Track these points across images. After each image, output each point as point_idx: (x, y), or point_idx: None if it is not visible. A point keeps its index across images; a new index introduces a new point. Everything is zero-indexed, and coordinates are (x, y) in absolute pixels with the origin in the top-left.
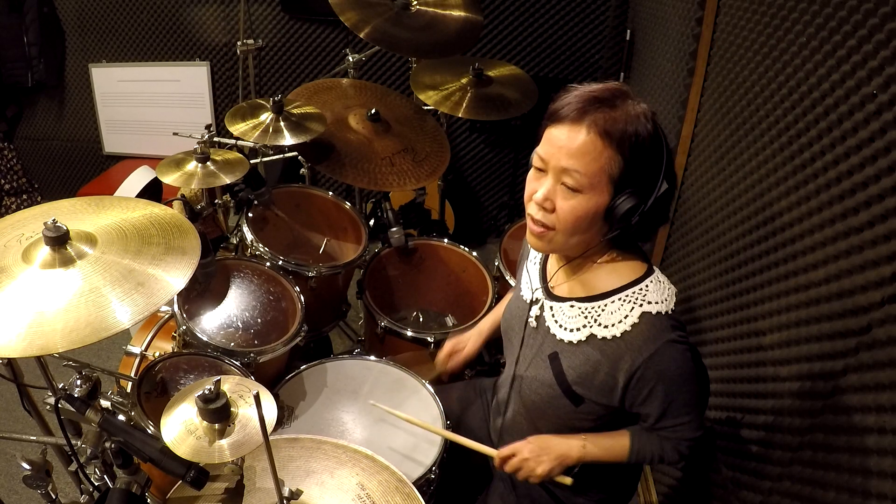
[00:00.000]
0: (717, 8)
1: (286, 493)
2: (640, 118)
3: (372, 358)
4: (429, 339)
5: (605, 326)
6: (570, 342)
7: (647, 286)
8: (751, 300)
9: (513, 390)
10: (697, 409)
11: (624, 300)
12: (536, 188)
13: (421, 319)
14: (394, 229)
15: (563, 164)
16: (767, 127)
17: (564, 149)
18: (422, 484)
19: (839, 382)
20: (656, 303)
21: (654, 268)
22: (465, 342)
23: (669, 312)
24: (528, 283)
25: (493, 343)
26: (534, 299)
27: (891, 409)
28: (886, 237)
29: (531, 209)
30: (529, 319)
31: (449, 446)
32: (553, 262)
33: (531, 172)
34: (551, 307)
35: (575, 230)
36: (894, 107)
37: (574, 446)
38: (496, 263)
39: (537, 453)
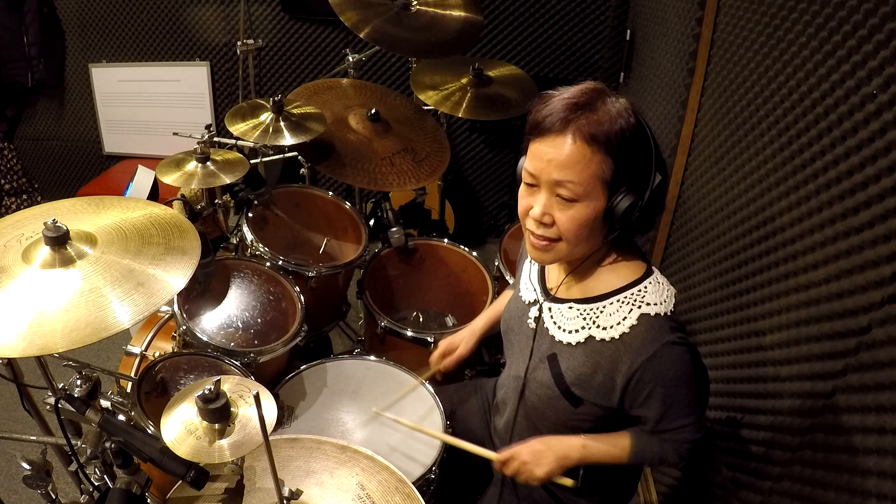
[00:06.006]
0: (717, 8)
1: (286, 493)
2: (623, 114)
3: (372, 358)
4: (429, 339)
5: (604, 328)
6: (569, 344)
7: (645, 287)
8: (751, 300)
9: (512, 391)
10: (698, 410)
11: (623, 301)
12: (532, 204)
13: (421, 319)
14: (394, 229)
15: (555, 176)
16: (767, 127)
17: (553, 161)
18: (421, 484)
19: (839, 382)
20: (655, 304)
21: (654, 269)
22: (459, 342)
23: (668, 314)
24: (527, 284)
25: (493, 342)
26: (533, 300)
27: (891, 409)
28: (886, 237)
29: (530, 225)
30: (528, 321)
31: (449, 447)
32: (553, 264)
33: (522, 188)
34: (550, 308)
35: (579, 239)
36: (894, 107)
37: (574, 447)
38: (496, 263)
39: (537, 456)
